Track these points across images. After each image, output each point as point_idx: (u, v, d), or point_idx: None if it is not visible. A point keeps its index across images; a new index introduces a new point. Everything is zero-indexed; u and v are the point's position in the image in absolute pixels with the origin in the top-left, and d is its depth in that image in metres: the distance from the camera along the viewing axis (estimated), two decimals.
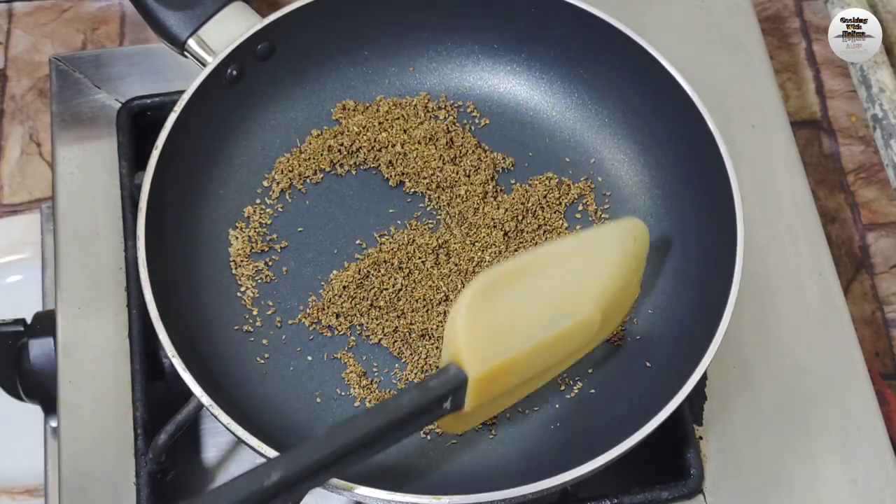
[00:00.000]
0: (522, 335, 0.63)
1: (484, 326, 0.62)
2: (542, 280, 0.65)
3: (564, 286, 0.66)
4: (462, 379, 0.61)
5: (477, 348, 0.61)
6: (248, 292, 0.76)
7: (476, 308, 0.61)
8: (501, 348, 0.62)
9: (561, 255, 0.67)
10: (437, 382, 0.60)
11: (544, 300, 0.65)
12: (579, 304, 0.66)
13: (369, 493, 0.62)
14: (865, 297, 1.20)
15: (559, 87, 0.83)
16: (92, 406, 0.77)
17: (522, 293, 0.63)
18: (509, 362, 0.63)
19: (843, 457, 0.77)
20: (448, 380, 0.61)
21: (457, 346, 0.61)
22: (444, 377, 0.61)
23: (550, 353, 0.65)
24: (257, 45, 0.78)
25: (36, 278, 0.94)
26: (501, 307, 0.62)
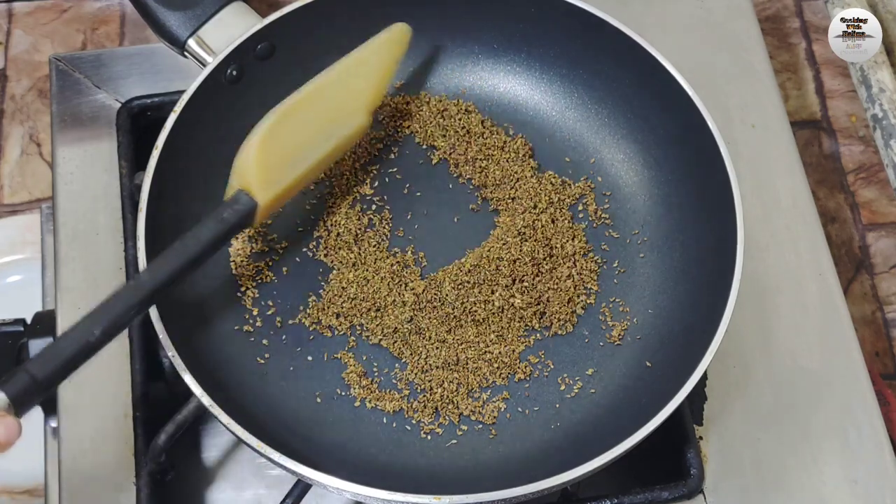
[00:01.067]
0: (304, 156, 0.73)
1: (272, 157, 0.70)
2: (319, 106, 0.73)
3: (340, 104, 0.75)
4: (252, 206, 0.69)
5: (267, 178, 0.70)
6: (248, 292, 0.76)
7: (266, 142, 0.70)
8: (287, 173, 0.71)
9: (335, 80, 0.75)
10: (230, 213, 0.68)
11: (322, 121, 0.74)
12: (353, 115, 0.76)
13: (369, 493, 0.62)
14: (865, 297, 1.20)
15: (559, 87, 0.83)
16: (92, 406, 0.77)
17: (302, 122, 0.72)
18: (292, 182, 0.72)
19: (843, 457, 0.77)
20: (240, 209, 0.68)
21: (248, 178, 0.69)
22: (237, 207, 0.68)
23: (329, 158, 0.76)
24: (257, 45, 0.78)
25: (36, 278, 0.94)
26: (287, 136, 0.71)
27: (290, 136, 0.72)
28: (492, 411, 0.73)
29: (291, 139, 0.72)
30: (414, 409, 0.73)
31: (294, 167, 0.72)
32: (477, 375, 0.74)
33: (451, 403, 0.73)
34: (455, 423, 0.72)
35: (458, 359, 0.74)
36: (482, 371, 0.74)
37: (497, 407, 0.73)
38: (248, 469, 0.80)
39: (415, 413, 0.72)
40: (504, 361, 0.74)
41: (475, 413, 0.73)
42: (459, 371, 0.74)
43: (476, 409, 0.73)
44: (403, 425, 0.72)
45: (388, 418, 0.72)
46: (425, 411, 0.72)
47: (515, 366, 0.74)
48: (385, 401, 0.73)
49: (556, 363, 0.75)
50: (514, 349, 0.74)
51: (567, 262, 0.77)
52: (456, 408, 0.73)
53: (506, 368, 0.74)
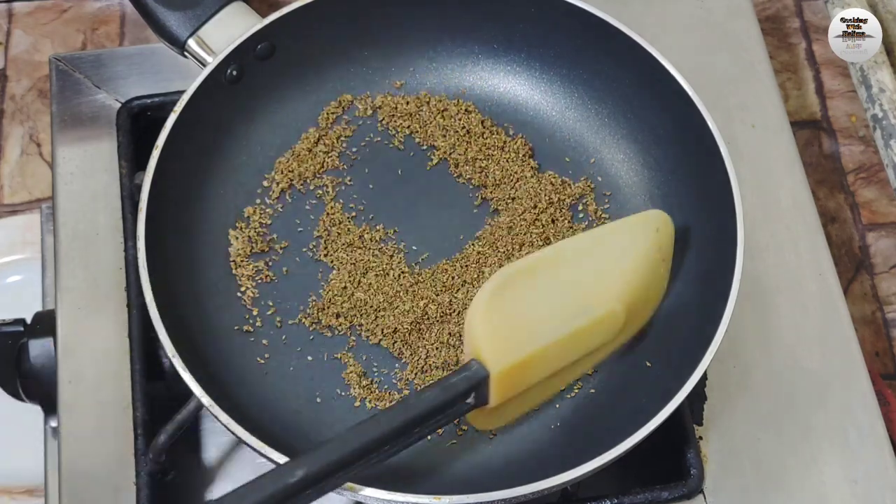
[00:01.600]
0: (543, 330, 0.63)
1: (503, 322, 0.62)
2: (561, 275, 0.65)
3: (584, 281, 0.66)
4: (483, 375, 0.61)
5: (497, 344, 0.62)
6: (248, 292, 0.76)
7: (494, 304, 0.62)
8: (522, 344, 0.62)
9: (579, 250, 0.68)
10: (457, 379, 0.61)
11: (564, 295, 0.65)
12: (601, 298, 0.65)
13: (369, 493, 0.62)
14: (865, 297, 1.20)
15: (559, 87, 0.83)
16: (92, 406, 0.77)
17: (541, 289, 0.64)
18: (530, 357, 0.63)
19: (843, 457, 0.77)
20: (469, 376, 0.61)
21: (476, 342, 0.62)
22: (465, 373, 0.61)
23: (573, 347, 0.65)
24: (257, 45, 0.78)
25: (36, 278, 0.94)
26: (520, 303, 0.63)
27: (524, 301, 0.63)
28: None
29: (526, 305, 0.63)
30: None
31: (532, 339, 0.63)
32: None
33: None
34: (455, 423, 0.72)
35: (459, 359, 0.74)
36: None
37: None
38: (248, 469, 0.80)
39: None
40: None
41: None
42: None
43: None
44: None
45: None
46: None
47: None
48: (385, 401, 0.73)
49: None
50: None
51: None
52: None
53: None
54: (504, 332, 0.62)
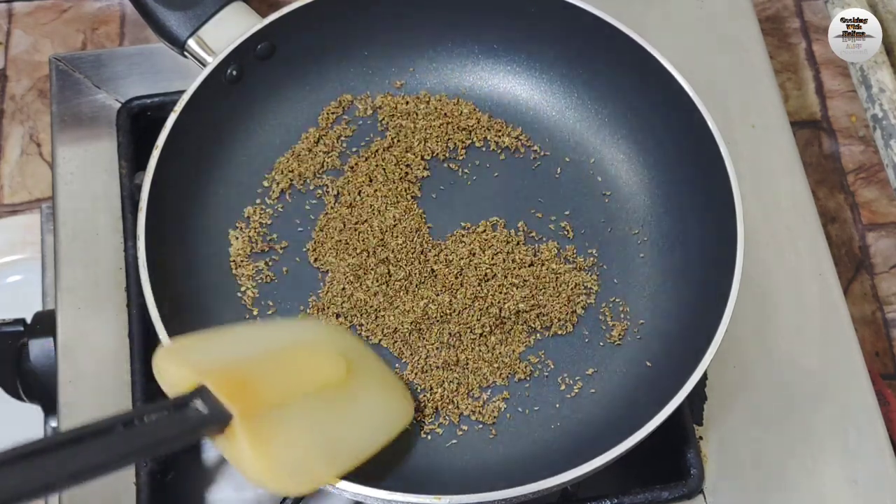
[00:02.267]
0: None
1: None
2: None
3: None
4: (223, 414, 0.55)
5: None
6: (248, 292, 0.76)
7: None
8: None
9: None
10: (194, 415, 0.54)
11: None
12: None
13: (369, 493, 0.62)
14: (865, 297, 1.20)
15: (559, 87, 0.83)
16: (92, 406, 0.77)
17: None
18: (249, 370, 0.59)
19: (843, 457, 0.77)
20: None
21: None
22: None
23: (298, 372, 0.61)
24: (257, 45, 0.78)
25: (36, 278, 0.94)
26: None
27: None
28: (492, 411, 0.73)
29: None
30: (414, 408, 0.73)
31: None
32: (477, 376, 0.74)
33: (452, 403, 0.73)
34: (455, 423, 0.72)
35: (458, 359, 0.74)
36: (482, 371, 0.74)
37: (497, 407, 0.73)
38: None
39: (415, 413, 0.72)
40: (504, 362, 0.74)
41: (475, 413, 0.73)
42: (459, 371, 0.74)
43: (476, 409, 0.73)
44: None
45: None
46: (425, 411, 0.72)
47: (515, 366, 0.74)
48: None
49: (556, 363, 0.75)
50: (515, 349, 0.74)
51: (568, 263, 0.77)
52: (456, 408, 0.73)
53: (506, 368, 0.74)
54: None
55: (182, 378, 0.56)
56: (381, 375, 0.68)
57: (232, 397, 0.55)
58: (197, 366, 0.56)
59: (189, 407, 0.54)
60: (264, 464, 0.56)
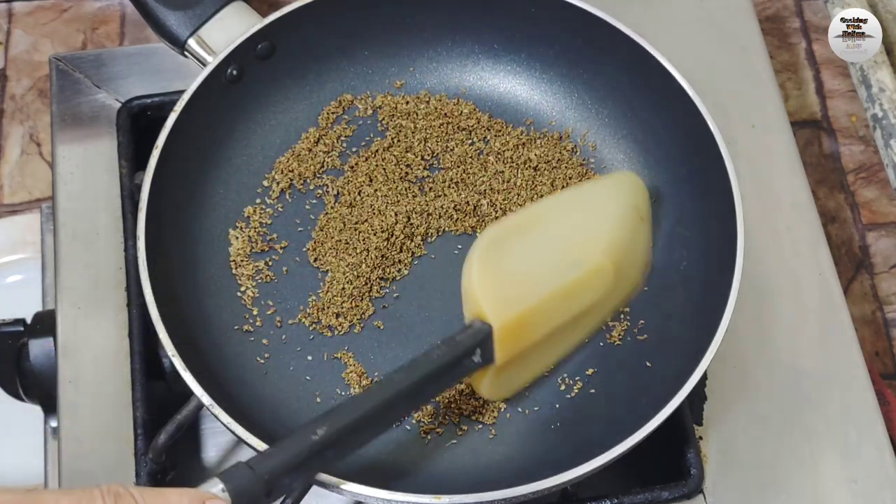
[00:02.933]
0: (538, 283, 0.64)
1: (498, 277, 0.63)
2: (548, 231, 0.67)
3: (570, 235, 0.67)
4: (487, 331, 0.62)
5: (496, 298, 0.63)
6: (248, 292, 0.76)
7: (488, 262, 0.63)
8: (520, 297, 0.64)
9: (561, 207, 0.69)
10: (463, 336, 0.62)
11: (553, 250, 0.66)
12: (589, 251, 0.67)
13: (369, 493, 0.62)
14: (865, 297, 1.20)
15: (559, 87, 0.83)
16: (92, 406, 0.77)
17: (530, 245, 0.65)
18: (530, 310, 0.64)
19: (843, 457, 0.77)
20: (473, 333, 0.62)
21: (475, 300, 0.63)
22: (469, 331, 0.62)
23: (570, 302, 0.66)
24: (257, 45, 0.78)
25: (36, 278, 0.94)
26: (512, 259, 0.64)
27: (516, 257, 0.65)
28: (492, 411, 0.73)
29: (517, 260, 0.64)
30: None
31: (529, 292, 0.64)
32: None
33: (452, 403, 0.73)
34: (455, 423, 0.72)
35: None
36: None
37: (497, 407, 0.73)
38: None
39: (415, 413, 0.72)
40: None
41: (475, 413, 0.73)
42: None
43: (476, 409, 0.73)
44: (403, 425, 0.72)
45: None
46: (425, 411, 0.72)
47: None
48: None
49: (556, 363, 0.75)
50: None
51: None
52: (456, 408, 0.73)
53: None
54: (500, 287, 0.64)
55: (478, 305, 0.63)
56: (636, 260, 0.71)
57: (505, 352, 0.63)
58: (495, 307, 0.63)
59: (467, 344, 0.63)
60: (493, 393, 0.67)
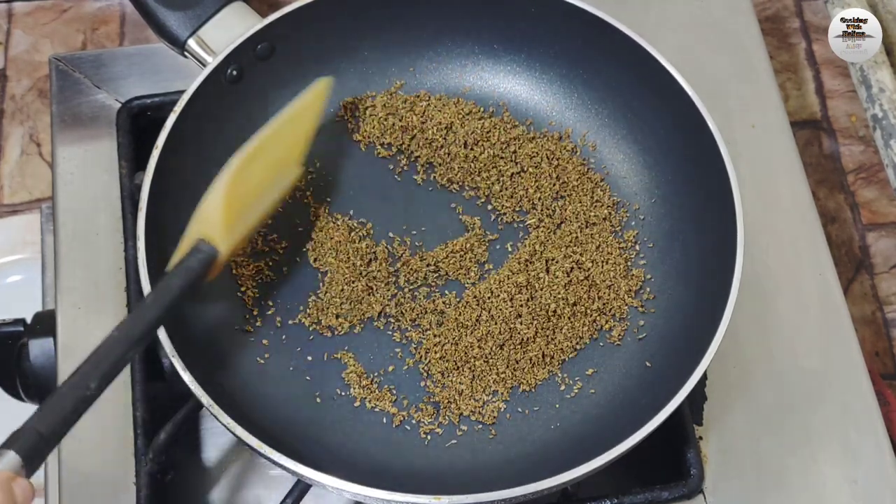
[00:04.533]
0: (255, 208, 0.73)
1: (234, 208, 0.70)
2: (266, 157, 0.73)
3: (280, 157, 0.75)
4: (214, 255, 0.69)
5: (229, 229, 0.69)
6: (248, 292, 0.76)
7: (230, 192, 0.70)
8: (243, 223, 0.72)
9: (276, 133, 0.74)
10: (195, 262, 0.68)
11: (268, 173, 0.74)
12: (291, 166, 0.76)
13: (369, 493, 0.62)
14: (865, 297, 1.20)
15: (559, 87, 0.83)
16: (92, 406, 0.77)
17: (254, 172, 0.72)
18: (246, 233, 0.72)
19: (843, 457, 0.77)
20: (203, 259, 0.68)
21: (214, 228, 0.69)
22: (199, 257, 0.68)
23: (272, 210, 0.75)
24: (257, 45, 0.78)
25: (36, 278, 0.94)
26: (242, 188, 0.71)
27: (245, 188, 0.72)
28: (492, 411, 0.73)
29: (246, 191, 0.72)
30: (414, 409, 0.73)
31: (247, 217, 0.72)
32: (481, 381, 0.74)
33: (452, 403, 0.73)
34: (455, 423, 0.72)
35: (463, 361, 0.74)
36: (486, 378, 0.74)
37: (497, 407, 0.73)
38: (248, 469, 0.80)
39: (415, 413, 0.72)
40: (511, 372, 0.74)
41: (475, 413, 0.73)
42: (466, 373, 0.74)
43: (476, 409, 0.73)
44: (403, 425, 0.72)
45: (388, 418, 0.72)
46: (425, 411, 0.72)
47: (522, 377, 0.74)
48: (385, 401, 0.73)
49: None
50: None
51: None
52: (456, 408, 0.73)
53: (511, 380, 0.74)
54: (234, 217, 0.70)
55: (214, 234, 0.69)
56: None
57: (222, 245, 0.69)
58: (226, 238, 0.69)
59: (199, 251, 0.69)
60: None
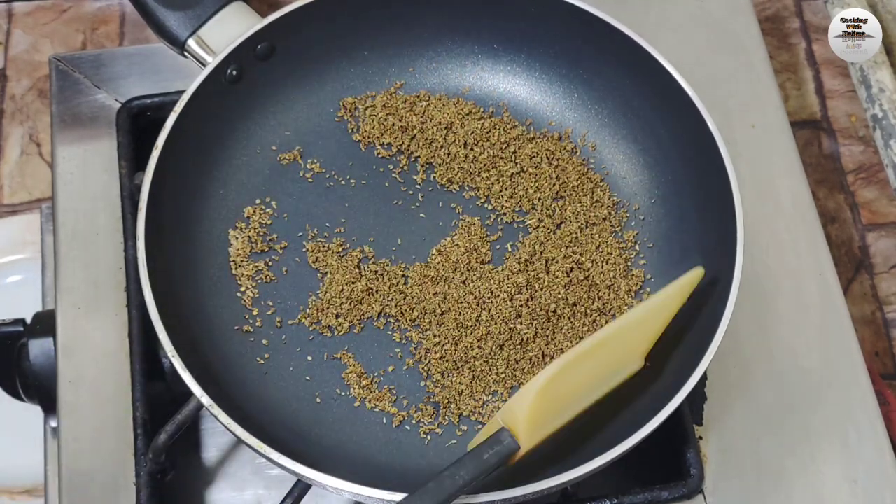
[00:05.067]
0: (575, 404, 0.66)
1: (547, 405, 0.64)
2: (607, 352, 0.67)
3: (624, 351, 0.68)
4: (514, 449, 0.63)
5: (536, 426, 0.64)
6: (248, 292, 0.76)
7: (546, 390, 0.64)
8: (555, 420, 0.65)
9: (628, 325, 0.68)
10: (492, 454, 0.63)
11: (603, 368, 0.67)
12: (631, 360, 0.68)
13: (369, 493, 0.62)
14: (865, 297, 1.20)
15: (559, 87, 0.83)
16: (92, 406, 0.77)
17: (586, 368, 0.66)
18: (559, 425, 0.66)
19: (843, 457, 0.77)
20: (502, 451, 0.63)
21: (519, 423, 0.63)
22: (499, 448, 0.63)
23: (600, 397, 0.68)
24: (257, 45, 0.78)
25: (36, 278, 0.94)
26: (565, 385, 0.65)
27: (570, 384, 0.66)
28: (491, 411, 0.73)
29: (570, 386, 0.66)
30: (414, 409, 0.73)
31: (563, 415, 0.66)
32: (482, 381, 0.74)
33: (452, 403, 0.73)
34: (455, 423, 0.72)
35: (462, 361, 0.74)
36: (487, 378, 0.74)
37: (497, 407, 0.73)
38: (248, 469, 0.80)
39: (415, 413, 0.72)
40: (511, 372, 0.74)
41: (475, 413, 0.73)
42: (466, 373, 0.74)
43: (476, 409, 0.73)
44: (403, 425, 0.72)
45: (388, 418, 0.72)
46: (425, 411, 0.72)
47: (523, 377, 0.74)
48: (385, 401, 0.73)
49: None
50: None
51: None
52: (456, 408, 0.73)
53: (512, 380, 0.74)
54: (545, 414, 0.64)
55: (518, 428, 0.64)
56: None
57: (525, 440, 0.64)
58: (531, 435, 0.64)
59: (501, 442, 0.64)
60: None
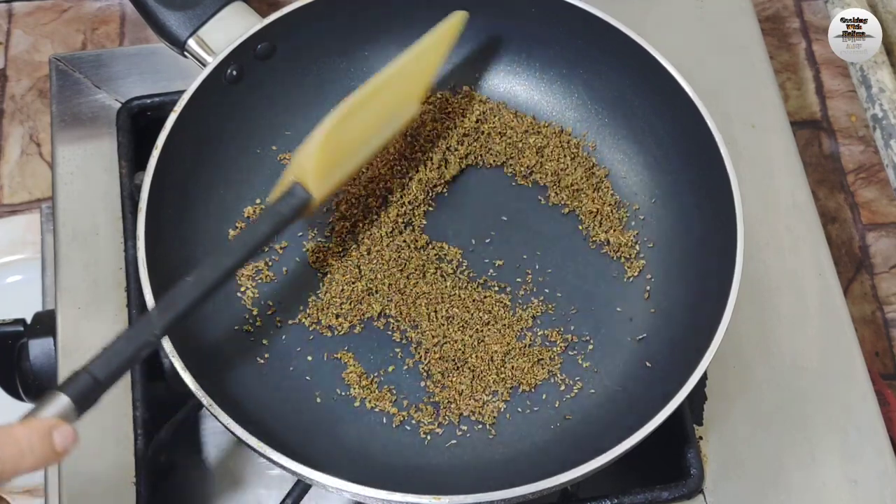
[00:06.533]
0: (360, 150, 0.72)
1: (332, 153, 0.69)
2: (382, 99, 0.72)
3: (398, 97, 0.73)
4: (307, 199, 0.68)
5: (325, 173, 0.69)
6: (248, 292, 0.76)
7: (330, 138, 0.69)
8: (343, 167, 0.71)
9: (397, 72, 0.73)
10: (286, 206, 0.68)
11: (381, 115, 0.72)
12: (407, 105, 0.74)
13: (369, 493, 0.62)
14: (865, 297, 1.20)
15: (559, 87, 0.83)
16: None
17: (365, 115, 0.71)
18: (346, 175, 0.72)
19: (843, 457, 0.77)
20: (295, 203, 0.68)
21: (308, 173, 0.68)
22: (292, 201, 0.68)
23: (380, 149, 0.74)
24: (257, 45, 0.78)
25: (36, 278, 0.94)
26: (347, 132, 0.70)
27: (351, 132, 0.70)
28: (491, 411, 0.73)
29: (351, 135, 0.70)
30: (414, 409, 0.73)
31: (349, 161, 0.71)
32: (481, 381, 0.74)
33: (452, 403, 0.73)
34: (455, 423, 0.72)
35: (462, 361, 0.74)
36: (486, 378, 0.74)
37: (497, 407, 0.73)
38: (248, 469, 0.80)
39: (415, 413, 0.72)
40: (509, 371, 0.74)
41: (475, 413, 0.73)
42: (466, 373, 0.74)
43: (476, 409, 0.73)
44: (403, 425, 0.72)
45: (388, 418, 0.72)
46: (425, 411, 0.72)
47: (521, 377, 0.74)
48: (385, 401, 0.73)
49: None
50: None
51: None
52: (456, 408, 0.73)
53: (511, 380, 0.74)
54: (331, 163, 0.69)
55: (307, 179, 0.69)
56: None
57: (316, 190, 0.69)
58: (321, 184, 0.69)
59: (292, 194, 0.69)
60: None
